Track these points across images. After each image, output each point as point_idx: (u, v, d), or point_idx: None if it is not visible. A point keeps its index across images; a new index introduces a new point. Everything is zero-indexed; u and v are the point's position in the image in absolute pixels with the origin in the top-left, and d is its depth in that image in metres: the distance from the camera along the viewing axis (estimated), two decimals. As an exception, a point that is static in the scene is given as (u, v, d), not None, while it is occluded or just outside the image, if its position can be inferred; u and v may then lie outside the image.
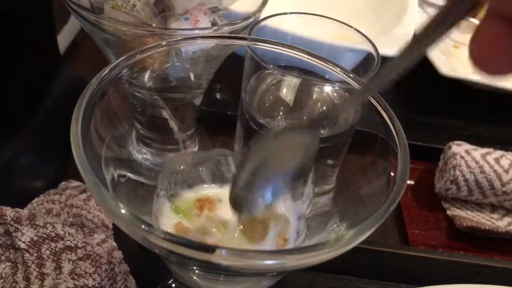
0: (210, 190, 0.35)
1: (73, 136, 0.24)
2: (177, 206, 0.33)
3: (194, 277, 0.29)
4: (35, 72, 0.52)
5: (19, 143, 0.48)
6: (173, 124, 0.42)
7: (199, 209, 0.32)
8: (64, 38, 0.67)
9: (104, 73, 0.28)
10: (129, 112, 0.40)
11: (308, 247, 0.22)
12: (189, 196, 0.34)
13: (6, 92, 0.46)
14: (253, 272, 0.23)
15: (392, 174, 0.27)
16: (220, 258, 0.21)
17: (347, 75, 0.32)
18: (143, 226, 0.21)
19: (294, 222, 0.33)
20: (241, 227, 0.31)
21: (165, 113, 0.42)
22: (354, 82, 0.32)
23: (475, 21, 0.21)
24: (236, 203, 0.30)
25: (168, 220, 0.32)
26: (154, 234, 0.21)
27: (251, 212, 0.30)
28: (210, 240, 0.30)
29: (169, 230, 0.31)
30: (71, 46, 0.69)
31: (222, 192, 0.35)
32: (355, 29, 0.44)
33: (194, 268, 0.26)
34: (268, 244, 0.31)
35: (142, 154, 0.42)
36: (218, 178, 0.36)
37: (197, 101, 0.44)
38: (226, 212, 0.33)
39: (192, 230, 0.31)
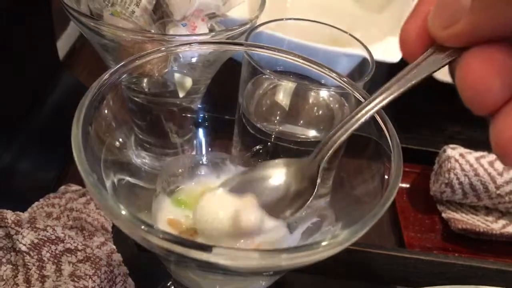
0: (214, 184, 0.36)
1: (74, 138, 0.25)
2: (181, 200, 0.34)
3: (193, 277, 0.29)
4: (35, 78, 0.53)
5: (19, 148, 0.48)
6: (171, 128, 0.43)
7: None
8: (63, 44, 0.68)
9: (104, 78, 0.28)
10: (128, 117, 0.40)
11: (303, 246, 0.22)
12: (193, 188, 0.35)
13: (6, 97, 0.47)
14: (249, 271, 0.24)
15: (386, 176, 0.28)
16: (217, 257, 0.21)
17: (342, 80, 0.32)
18: (142, 227, 0.22)
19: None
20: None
21: (164, 118, 0.43)
22: (349, 87, 0.32)
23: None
24: None
25: (165, 214, 0.32)
26: (154, 234, 0.22)
27: None
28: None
29: (163, 224, 0.31)
30: (71, 52, 0.70)
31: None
32: (350, 35, 0.45)
33: (193, 268, 0.27)
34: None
35: (141, 158, 0.42)
36: (216, 181, 0.36)
37: (195, 106, 0.45)
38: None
39: (185, 223, 0.31)
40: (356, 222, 0.24)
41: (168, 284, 0.41)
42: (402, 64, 0.64)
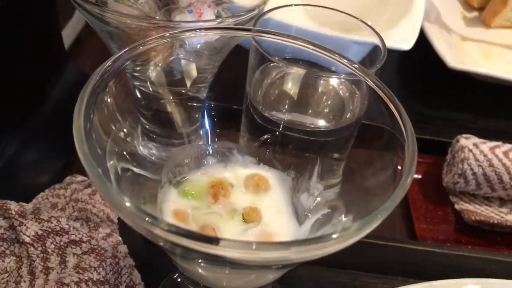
0: (221, 174, 0.35)
1: (76, 129, 0.24)
2: (188, 190, 0.33)
3: (199, 271, 0.29)
4: (40, 67, 0.52)
5: (24, 138, 0.48)
6: (177, 118, 0.42)
7: (213, 197, 0.32)
8: (68, 34, 0.67)
9: (107, 65, 0.28)
10: (134, 106, 0.40)
11: (313, 238, 0.22)
12: (199, 179, 0.34)
13: (11, 87, 0.46)
14: (257, 264, 0.23)
15: (399, 167, 0.27)
16: (224, 250, 0.20)
17: (353, 67, 0.31)
18: (147, 219, 0.21)
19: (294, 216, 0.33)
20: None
21: (170, 108, 0.42)
22: (361, 74, 0.31)
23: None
24: None
25: (171, 205, 0.32)
26: (158, 226, 0.21)
27: None
28: (208, 229, 0.30)
29: (168, 215, 0.31)
30: (76, 42, 0.69)
31: (232, 176, 0.35)
32: (361, 21, 0.44)
33: (199, 261, 0.26)
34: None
35: (147, 149, 0.42)
36: (223, 171, 0.35)
37: (202, 95, 0.44)
38: (237, 198, 0.33)
39: (191, 215, 0.31)
40: (367, 214, 0.23)
41: (175, 277, 0.40)
42: (413, 52, 0.63)
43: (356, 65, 0.31)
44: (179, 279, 0.40)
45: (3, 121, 0.46)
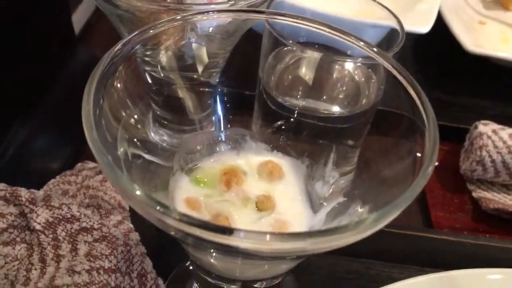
0: (234, 162, 0.34)
1: (85, 115, 0.23)
2: (200, 178, 0.32)
3: (211, 260, 0.28)
4: (50, 52, 0.52)
5: (35, 124, 0.47)
6: (189, 104, 0.41)
7: (226, 185, 0.32)
8: (78, 18, 0.66)
9: (116, 48, 0.27)
10: (144, 92, 0.39)
11: (329, 230, 0.21)
12: (212, 166, 0.34)
13: (21, 72, 0.46)
14: (271, 255, 0.23)
15: (419, 154, 0.26)
16: (237, 240, 0.20)
17: (371, 50, 0.30)
18: (158, 208, 0.21)
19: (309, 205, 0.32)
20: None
21: (181, 93, 0.41)
22: (379, 57, 0.30)
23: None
24: None
25: (183, 193, 0.31)
26: (170, 215, 0.20)
27: None
28: (221, 217, 0.29)
29: (180, 203, 0.30)
30: (86, 26, 0.69)
31: (245, 164, 0.34)
32: (379, 3, 0.42)
33: (211, 250, 0.26)
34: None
35: (159, 135, 0.41)
36: (235, 158, 0.35)
37: (214, 81, 0.43)
38: (250, 185, 0.32)
39: (204, 203, 0.30)
40: (385, 204, 0.22)
41: (187, 265, 0.40)
42: (429, 35, 0.62)
43: (374, 48, 0.30)
44: (191, 267, 0.40)
45: (13, 107, 0.46)
